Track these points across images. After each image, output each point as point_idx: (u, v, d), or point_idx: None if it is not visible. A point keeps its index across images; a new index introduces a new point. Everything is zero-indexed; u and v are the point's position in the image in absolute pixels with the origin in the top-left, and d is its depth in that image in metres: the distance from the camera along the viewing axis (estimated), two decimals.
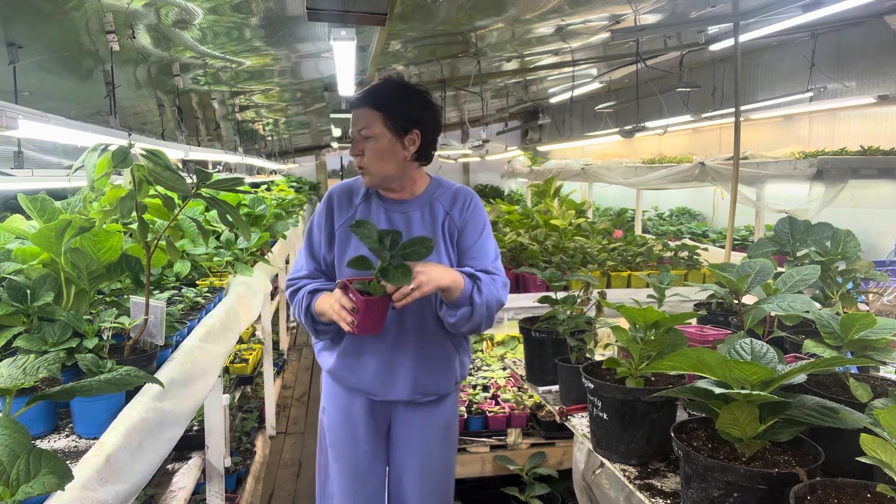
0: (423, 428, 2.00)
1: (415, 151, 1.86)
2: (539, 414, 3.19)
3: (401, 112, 1.82)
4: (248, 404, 4.19)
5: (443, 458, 2.05)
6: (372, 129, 1.81)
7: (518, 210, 6.08)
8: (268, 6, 3.11)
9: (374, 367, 1.93)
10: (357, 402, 2.01)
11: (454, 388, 2.04)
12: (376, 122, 1.81)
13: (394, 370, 1.92)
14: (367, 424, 2.01)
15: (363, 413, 2.01)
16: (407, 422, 2.00)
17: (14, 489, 1.02)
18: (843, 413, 1.26)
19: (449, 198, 1.95)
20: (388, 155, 1.83)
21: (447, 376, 1.97)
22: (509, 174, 11.10)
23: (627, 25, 4.35)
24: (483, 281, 1.83)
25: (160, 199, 1.68)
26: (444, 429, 2.04)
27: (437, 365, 1.94)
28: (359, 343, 1.94)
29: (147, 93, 5.03)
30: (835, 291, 1.95)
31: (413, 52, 5.25)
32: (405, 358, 1.92)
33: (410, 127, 1.83)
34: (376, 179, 1.88)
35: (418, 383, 1.93)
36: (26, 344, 1.52)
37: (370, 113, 1.81)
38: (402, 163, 1.86)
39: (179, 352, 1.90)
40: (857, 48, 5.28)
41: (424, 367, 1.93)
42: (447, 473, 2.08)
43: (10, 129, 1.64)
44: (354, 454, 2.03)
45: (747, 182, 4.50)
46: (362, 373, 1.95)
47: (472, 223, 1.93)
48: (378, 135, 1.81)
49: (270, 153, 13.07)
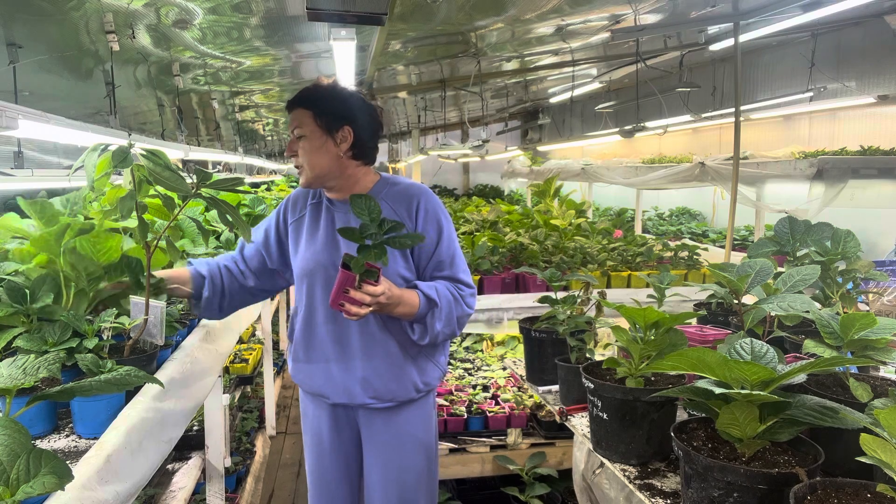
0: (388, 437, 1.95)
1: (348, 149, 1.85)
2: (539, 414, 3.19)
3: (330, 109, 1.83)
4: (248, 404, 4.19)
5: (414, 470, 1.98)
6: (303, 128, 1.83)
7: (518, 210, 6.08)
8: (268, 6, 3.11)
9: (321, 371, 1.93)
10: (319, 407, 2.01)
11: (419, 396, 1.96)
12: (307, 120, 1.82)
13: (343, 373, 1.91)
14: (330, 429, 2.00)
15: (326, 418, 2.00)
16: (371, 429, 1.97)
17: (14, 489, 1.02)
18: (843, 413, 1.26)
19: (397, 198, 1.90)
20: (319, 152, 1.83)
21: (400, 381, 1.90)
22: (509, 174, 11.10)
23: (627, 25, 4.35)
24: (441, 305, 1.82)
25: (160, 199, 1.68)
26: (412, 438, 1.97)
27: (386, 369, 1.89)
28: (305, 347, 1.95)
29: (147, 93, 5.03)
30: (835, 291, 1.95)
31: (413, 52, 5.25)
32: (351, 361, 1.89)
33: (341, 124, 1.83)
34: (311, 177, 1.87)
35: (368, 387, 1.89)
36: (26, 344, 1.52)
37: (301, 112, 1.83)
38: (335, 160, 1.85)
39: (179, 352, 1.90)
40: (857, 48, 5.28)
41: (373, 371, 1.88)
42: (419, 484, 2.00)
43: (10, 129, 1.64)
44: (320, 458, 2.03)
45: (747, 182, 4.50)
46: (312, 376, 1.96)
47: (427, 226, 1.88)
48: (309, 133, 1.82)
49: (270, 153, 13.08)
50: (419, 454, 1.99)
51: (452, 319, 1.86)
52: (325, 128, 1.82)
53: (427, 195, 1.92)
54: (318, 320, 1.92)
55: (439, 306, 1.82)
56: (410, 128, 11.31)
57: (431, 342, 1.88)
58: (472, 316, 2.01)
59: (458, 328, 1.89)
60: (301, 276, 1.94)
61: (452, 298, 1.85)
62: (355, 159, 1.88)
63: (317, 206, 1.98)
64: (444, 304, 1.83)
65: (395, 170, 12.29)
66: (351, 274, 1.65)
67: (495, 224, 5.23)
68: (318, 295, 1.90)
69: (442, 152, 8.58)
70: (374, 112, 1.91)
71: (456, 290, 1.87)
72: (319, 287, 1.89)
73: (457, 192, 13.53)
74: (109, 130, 2.90)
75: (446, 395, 3.28)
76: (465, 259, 1.96)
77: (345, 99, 1.86)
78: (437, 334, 1.85)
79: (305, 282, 1.92)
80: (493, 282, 3.73)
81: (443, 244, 1.89)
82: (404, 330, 1.88)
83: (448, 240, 1.90)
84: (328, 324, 1.90)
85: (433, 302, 1.81)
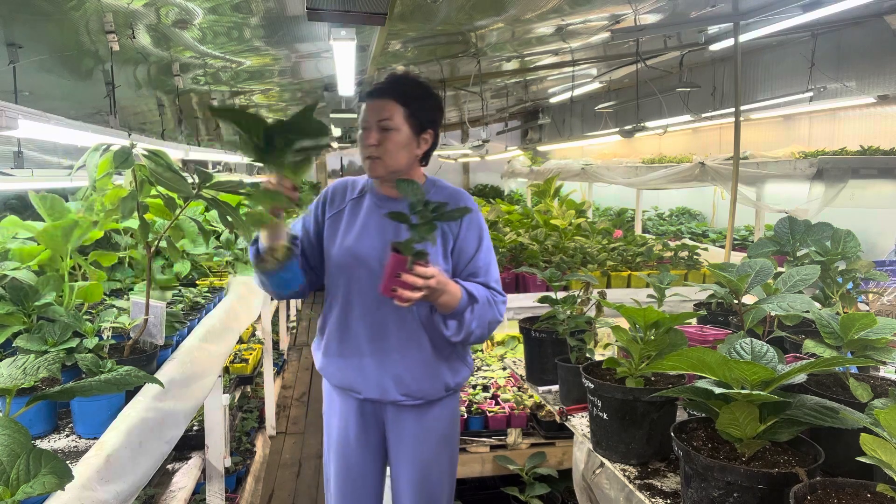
0: (416, 434, 1.97)
1: (424, 151, 1.89)
2: (539, 414, 3.19)
3: (423, 111, 1.84)
4: (248, 404, 4.19)
5: (439, 468, 2.00)
6: (394, 120, 1.81)
7: (518, 210, 6.08)
8: (268, 6, 3.11)
9: (354, 366, 1.93)
10: (347, 402, 2.00)
11: (448, 395, 1.99)
12: (399, 115, 1.81)
13: (375, 370, 1.91)
14: (357, 425, 2.00)
15: (353, 413, 2.00)
16: (399, 426, 1.98)
17: (14, 489, 1.02)
18: (843, 413, 1.26)
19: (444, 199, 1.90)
20: (403, 150, 1.84)
21: (433, 381, 1.92)
22: (509, 174, 11.09)
23: (627, 25, 4.35)
24: (480, 302, 1.84)
25: (161, 200, 1.68)
26: (439, 436, 1.99)
27: (420, 368, 1.90)
28: (339, 341, 1.95)
29: (147, 93, 5.03)
30: (835, 291, 1.95)
31: (413, 52, 5.25)
32: (387, 358, 1.90)
33: (427, 127, 1.86)
34: (387, 171, 1.86)
35: (401, 384, 1.90)
36: (26, 344, 1.52)
37: (393, 105, 1.81)
38: (412, 160, 1.87)
39: (179, 352, 1.90)
40: (857, 48, 5.28)
41: (406, 369, 1.90)
42: (443, 482, 2.03)
43: (10, 129, 1.63)
44: (346, 456, 2.02)
45: (747, 182, 4.50)
46: (345, 370, 1.95)
47: (470, 233, 1.90)
48: (399, 128, 1.81)
49: None
50: (445, 451, 2.02)
51: (485, 321, 1.87)
52: (414, 128, 1.84)
53: (472, 202, 1.96)
54: (354, 315, 1.91)
55: (479, 303, 1.84)
56: None
57: (464, 340, 1.89)
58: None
59: (487, 332, 1.90)
60: (338, 270, 1.92)
61: (487, 301, 1.87)
62: (422, 161, 1.92)
63: (357, 201, 1.96)
64: (482, 303, 1.85)
65: None
66: (402, 257, 1.64)
67: (495, 224, 5.23)
68: (355, 289, 1.90)
69: (442, 152, 8.58)
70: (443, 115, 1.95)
71: (490, 295, 1.89)
72: (357, 281, 1.89)
73: None
74: (109, 130, 2.90)
75: None
76: (498, 270, 1.98)
77: (434, 102, 1.89)
78: (471, 332, 1.86)
79: (343, 276, 1.91)
80: None
81: (482, 251, 1.91)
82: (439, 329, 1.88)
83: (487, 248, 1.93)
84: (364, 320, 1.90)
85: (473, 298, 1.83)
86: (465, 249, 1.89)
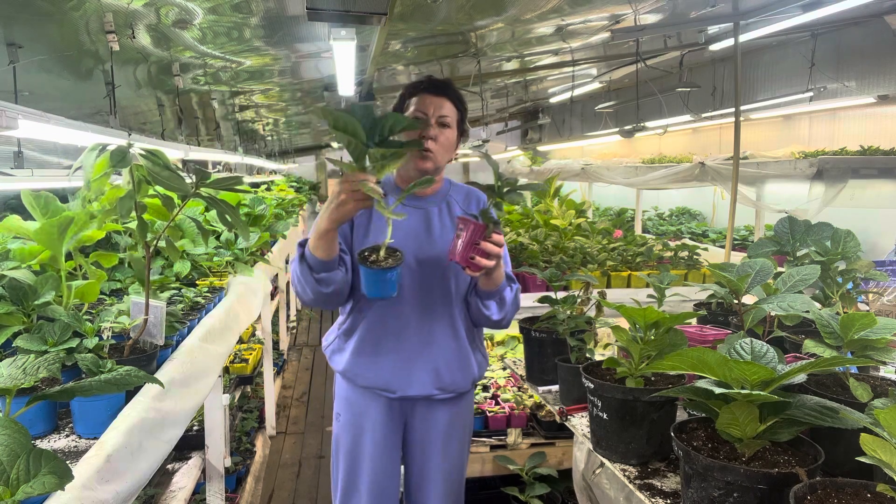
0: (446, 427, 2.01)
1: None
2: (539, 414, 3.19)
3: (465, 118, 1.97)
4: (248, 404, 4.19)
5: (461, 459, 2.08)
6: (450, 119, 1.90)
7: (518, 210, 6.08)
8: (268, 6, 3.11)
9: (391, 363, 1.93)
10: (373, 403, 1.99)
11: (471, 388, 2.06)
12: (454, 115, 1.92)
13: (412, 365, 1.92)
14: (383, 426, 1.99)
15: (379, 414, 1.98)
16: (428, 421, 2.00)
17: (14, 489, 1.02)
18: (843, 413, 1.26)
19: (463, 197, 2.04)
20: (452, 148, 1.94)
21: (465, 373, 1.98)
22: (509, 174, 11.08)
23: (627, 25, 4.35)
24: (516, 283, 1.97)
25: (159, 199, 1.68)
26: (463, 428, 2.06)
27: (456, 359, 1.95)
28: (375, 340, 1.94)
29: (147, 93, 5.03)
30: (835, 291, 1.94)
31: (413, 52, 5.24)
32: (423, 353, 1.92)
33: (464, 130, 1.98)
34: (436, 166, 1.91)
35: (437, 379, 1.93)
36: (26, 344, 1.51)
37: (451, 105, 1.91)
38: (448, 161, 1.97)
39: (179, 352, 1.90)
40: (857, 48, 5.28)
41: (444, 361, 1.93)
42: (463, 473, 2.11)
43: (10, 129, 1.63)
44: (372, 458, 2.01)
45: (747, 182, 4.50)
46: (379, 369, 1.94)
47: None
48: (453, 127, 1.92)
49: (270, 153, 13.08)
50: (465, 443, 2.10)
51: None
52: (460, 131, 1.96)
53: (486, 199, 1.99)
54: (388, 314, 1.91)
55: (515, 283, 1.97)
56: None
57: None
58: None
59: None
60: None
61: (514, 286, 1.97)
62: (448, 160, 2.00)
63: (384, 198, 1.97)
64: (515, 286, 1.96)
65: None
66: (482, 225, 1.68)
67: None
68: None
69: None
70: None
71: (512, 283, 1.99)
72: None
73: None
74: (109, 130, 2.90)
75: None
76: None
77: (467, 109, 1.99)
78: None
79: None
80: None
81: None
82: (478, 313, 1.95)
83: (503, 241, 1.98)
84: (399, 318, 1.90)
85: (510, 278, 1.95)
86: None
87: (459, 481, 2.09)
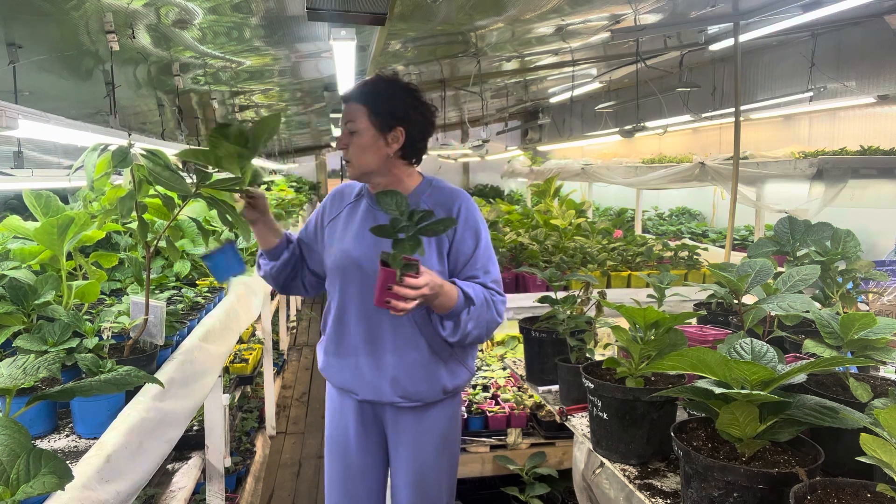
0: (414, 435, 1.96)
1: (399, 149, 1.86)
2: (539, 414, 3.19)
3: (386, 108, 1.82)
4: (248, 404, 4.19)
5: (437, 470, 2.00)
6: (357, 123, 1.82)
7: (518, 210, 6.08)
8: (268, 6, 3.11)
9: (354, 366, 1.94)
10: (346, 402, 2.01)
11: (446, 398, 1.98)
12: (361, 116, 1.82)
13: (373, 370, 1.91)
14: (357, 426, 2.00)
15: (353, 414, 2.00)
16: (398, 427, 1.97)
17: (14, 489, 1.02)
18: (843, 413, 1.26)
19: (438, 201, 1.91)
20: (369, 150, 1.83)
21: (430, 383, 1.91)
22: (509, 174, 11.09)
23: (627, 25, 4.35)
24: (477, 304, 1.83)
25: (160, 199, 1.68)
26: (436, 438, 1.98)
27: (417, 370, 1.89)
28: (339, 341, 1.96)
29: (147, 93, 5.03)
30: (835, 291, 1.94)
31: (413, 52, 5.25)
32: (383, 359, 1.90)
33: (395, 124, 1.82)
34: (358, 172, 1.88)
35: (398, 387, 1.89)
36: (26, 344, 1.51)
37: (356, 108, 1.83)
38: (384, 158, 1.85)
39: (179, 352, 1.90)
40: (857, 48, 5.28)
41: (404, 371, 1.89)
42: (441, 484, 2.02)
43: (10, 129, 1.63)
44: (345, 455, 2.02)
45: (747, 182, 4.50)
46: (344, 371, 1.96)
47: (466, 233, 1.89)
48: (362, 129, 1.82)
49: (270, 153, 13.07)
50: (444, 452, 2.01)
51: (483, 323, 1.86)
52: (379, 127, 1.82)
53: (468, 201, 1.94)
54: (350, 317, 1.93)
55: (475, 305, 1.83)
56: None
57: (461, 342, 1.88)
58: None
59: (486, 332, 1.90)
60: (333, 273, 1.94)
61: (486, 302, 1.86)
62: (403, 159, 1.90)
63: (354, 204, 1.99)
64: (479, 304, 1.84)
65: None
66: (391, 270, 1.65)
67: (495, 224, 5.23)
68: (350, 291, 1.91)
69: (442, 152, 8.58)
70: (429, 112, 1.91)
71: (489, 295, 1.88)
72: (352, 284, 1.90)
73: None
74: (109, 130, 2.90)
75: None
76: (499, 269, 1.97)
77: (402, 98, 1.85)
78: (467, 333, 1.85)
79: (338, 278, 1.93)
80: None
81: (479, 251, 1.90)
82: (436, 330, 1.88)
83: (485, 248, 1.91)
84: (360, 321, 1.91)
85: (470, 299, 1.82)
86: (461, 251, 1.88)
87: (437, 490, 2.00)
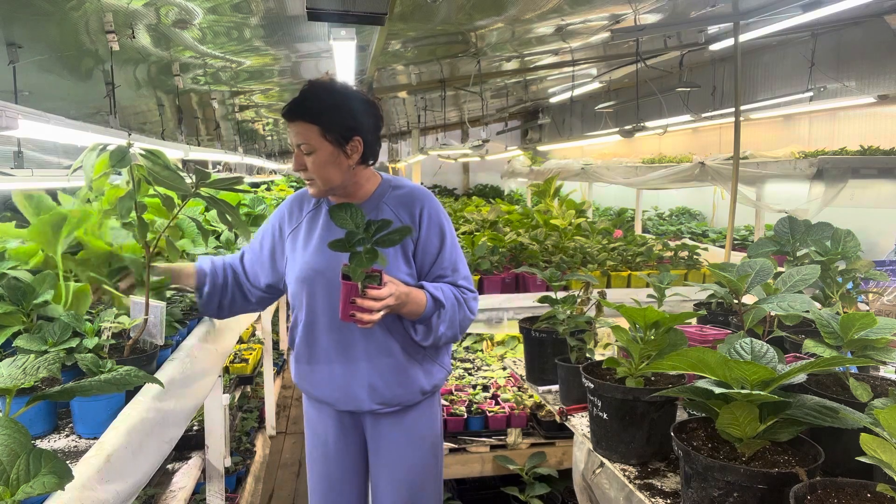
0: (395, 440, 1.94)
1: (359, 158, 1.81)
2: (539, 414, 3.19)
3: (338, 122, 1.74)
4: (248, 404, 4.19)
5: (421, 472, 1.98)
6: (311, 143, 1.74)
7: (518, 210, 6.08)
8: (268, 6, 3.11)
9: (327, 376, 1.90)
10: (324, 413, 1.99)
11: (424, 398, 1.96)
12: (314, 136, 1.74)
13: (348, 379, 1.88)
14: (337, 435, 1.98)
15: (332, 424, 1.98)
16: (378, 433, 1.95)
17: (14, 489, 1.01)
18: (843, 413, 1.26)
19: (400, 203, 1.87)
20: (330, 166, 1.77)
21: (406, 386, 1.89)
22: (509, 174, 11.09)
23: (627, 25, 4.35)
24: (447, 305, 1.82)
25: (160, 199, 1.68)
26: (418, 440, 1.96)
27: (392, 374, 1.87)
28: (309, 353, 1.92)
29: (147, 93, 5.04)
30: (835, 291, 1.94)
31: (413, 52, 5.25)
32: (356, 367, 1.87)
33: (350, 135, 1.76)
34: (323, 189, 1.83)
35: (375, 394, 1.87)
36: (26, 344, 1.51)
37: (306, 127, 1.74)
38: (347, 171, 1.81)
39: (179, 352, 1.90)
40: (857, 48, 5.28)
41: (379, 377, 1.86)
42: (427, 485, 2.00)
43: (10, 129, 1.63)
44: (326, 462, 2.01)
45: (747, 182, 4.50)
46: (318, 382, 1.92)
47: (430, 233, 1.85)
48: (318, 148, 1.75)
49: (270, 153, 13.08)
50: (426, 453, 1.99)
51: (455, 323, 1.85)
52: (336, 143, 1.76)
53: (430, 200, 1.89)
54: (320, 328, 1.89)
55: (445, 308, 1.81)
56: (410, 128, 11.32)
57: (434, 344, 1.87)
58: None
59: (459, 332, 1.89)
60: (299, 285, 1.88)
61: (456, 302, 1.85)
62: (363, 163, 1.85)
63: (314, 213, 1.94)
64: (449, 306, 1.83)
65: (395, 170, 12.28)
66: (353, 284, 1.62)
67: (495, 224, 5.23)
68: (318, 302, 1.86)
69: (442, 152, 8.59)
70: (376, 110, 1.85)
71: (460, 293, 1.87)
72: (319, 294, 1.85)
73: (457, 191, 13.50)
74: (109, 130, 2.90)
75: (446, 394, 3.28)
76: (467, 264, 1.94)
77: (350, 107, 1.77)
78: (440, 336, 1.84)
79: (305, 290, 1.88)
80: (493, 282, 3.73)
81: (445, 250, 1.87)
82: (408, 333, 1.86)
83: (451, 246, 1.89)
84: (331, 331, 1.87)
85: (439, 303, 1.80)
86: (427, 251, 1.86)
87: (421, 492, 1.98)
